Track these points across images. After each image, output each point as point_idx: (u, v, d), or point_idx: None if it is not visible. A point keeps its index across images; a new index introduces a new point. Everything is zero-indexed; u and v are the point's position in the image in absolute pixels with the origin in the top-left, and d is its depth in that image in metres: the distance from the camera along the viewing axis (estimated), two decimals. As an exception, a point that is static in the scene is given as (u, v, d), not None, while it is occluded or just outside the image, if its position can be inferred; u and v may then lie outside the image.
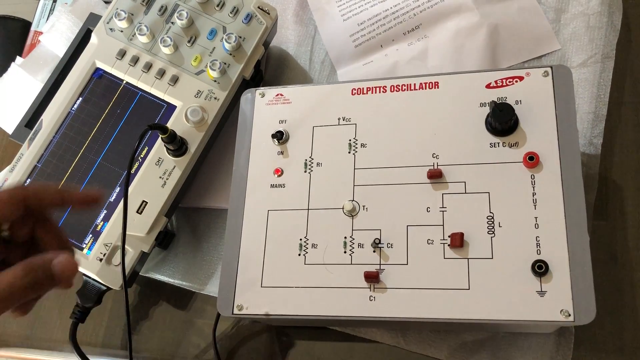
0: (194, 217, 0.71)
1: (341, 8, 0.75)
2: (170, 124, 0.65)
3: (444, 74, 0.60)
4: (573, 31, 0.67)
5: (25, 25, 0.92)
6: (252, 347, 0.65)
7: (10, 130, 0.76)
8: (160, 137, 0.61)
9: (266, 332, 0.65)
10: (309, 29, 0.76)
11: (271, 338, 0.65)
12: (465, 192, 0.54)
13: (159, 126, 0.59)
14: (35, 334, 0.72)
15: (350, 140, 0.60)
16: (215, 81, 0.66)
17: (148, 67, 0.67)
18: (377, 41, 0.73)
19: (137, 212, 0.63)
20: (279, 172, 0.60)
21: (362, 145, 0.59)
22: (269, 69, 0.76)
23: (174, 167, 0.64)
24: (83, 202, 0.47)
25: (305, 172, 0.60)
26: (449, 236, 0.53)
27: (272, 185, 0.60)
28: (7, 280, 0.40)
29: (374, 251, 0.55)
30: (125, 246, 0.61)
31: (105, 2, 0.80)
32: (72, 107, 0.67)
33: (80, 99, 0.67)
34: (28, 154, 0.66)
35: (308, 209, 0.58)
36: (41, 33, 0.81)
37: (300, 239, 0.57)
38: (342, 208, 0.57)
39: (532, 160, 0.53)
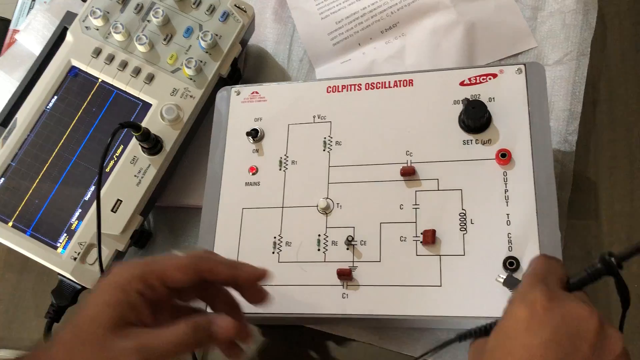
0: (171, 216, 0.71)
1: (319, 6, 0.75)
2: (145, 122, 0.64)
3: (418, 72, 0.60)
4: (549, 29, 0.67)
5: (5, 24, 0.92)
6: (229, 346, 0.64)
7: (-15, 128, 0.76)
8: (134, 136, 0.61)
9: (242, 331, 0.65)
10: (288, 27, 0.76)
11: (247, 337, 0.64)
12: (438, 189, 0.54)
13: (132, 124, 0.59)
14: (11, 334, 0.71)
15: (325, 138, 0.59)
16: (191, 79, 0.65)
17: (124, 65, 0.66)
18: (355, 39, 0.72)
19: (112, 210, 0.62)
20: (254, 170, 0.60)
21: (337, 143, 0.59)
22: (247, 67, 0.76)
23: (149, 166, 0.63)
24: (252, 280, 0.50)
25: (280, 170, 0.60)
26: (421, 233, 0.53)
27: (246, 183, 0.60)
28: (174, 336, 0.44)
29: (348, 249, 0.55)
30: (101, 245, 0.61)
31: (83, 1, 0.80)
32: (47, 105, 0.67)
33: (56, 97, 0.67)
34: (2, 153, 0.65)
35: (282, 207, 0.58)
36: (19, 31, 0.81)
37: (275, 237, 0.57)
38: (317, 206, 0.57)
39: (504, 157, 0.53)
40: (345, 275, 0.53)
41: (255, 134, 0.60)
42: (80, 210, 0.64)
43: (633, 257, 0.38)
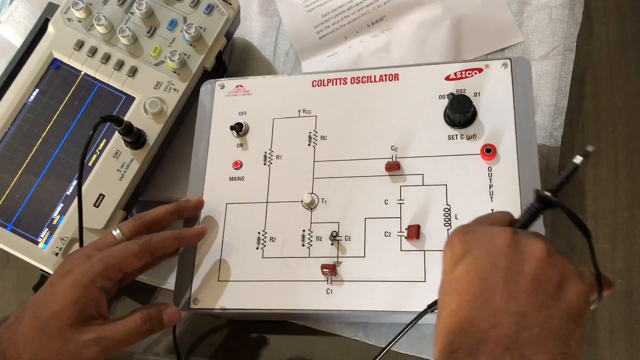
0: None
1: (305, -1, 0.74)
2: (128, 116, 0.63)
3: (403, 66, 0.59)
4: (536, 24, 0.67)
5: (-13, 16, 0.90)
6: (213, 342, 0.64)
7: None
8: (116, 130, 0.60)
9: (227, 327, 0.64)
10: (274, 20, 0.76)
11: (232, 332, 0.64)
12: (423, 185, 0.54)
13: (114, 118, 0.58)
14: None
15: (310, 132, 0.59)
16: (174, 72, 0.65)
17: (106, 58, 0.65)
18: (341, 33, 0.72)
19: (94, 205, 0.62)
20: (238, 164, 0.60)
21: (322, 137, 0.59)
22: (232, 60, 0.75)
23: (132, 160, 0.63)
24: (195, 236, 0.57)
25: (265, 164, 0.59)
26: (405, 228, 0.53)
27: (230, 178, 0.59)
28: (129, 327, 0.50)
29: (332, 244, 0.55)
30: (83, 241, 0.60)
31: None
32: (28, 98, 0.66)
33: (37, 90, 0.66)
34: (-18, 147, 0.64)
35: (267, 202, 0.58)
36: (0, 22, 0.80)
37: (259, 233, 0.57)
38: (301, 201, 0.57)
39: (489, 152, 0.53)
40: (329, 271, 0.53)
41: (239, 128, 0.60)
42: (62, 205, 0.63)
43: (564, 186, 0.39)
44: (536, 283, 0.36)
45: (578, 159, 0.39)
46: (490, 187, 0.52)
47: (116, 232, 0.53)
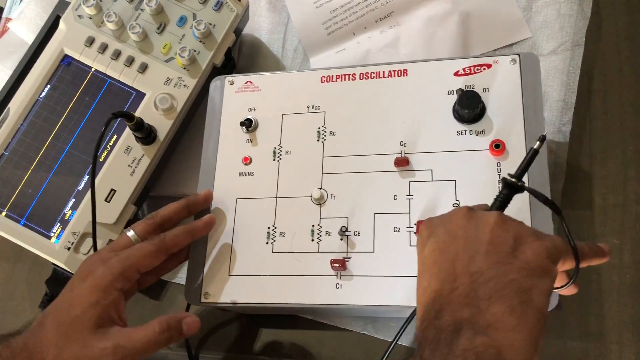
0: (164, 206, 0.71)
1: (314, -5, 0.74)
2: (139, 112, 0.64)
3: (412, 62, 0.59)
4: (544, 19, 0.67)
5: (-3, 12, 0.91)
6: (223, 336, 0.64)
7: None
8: (127, 125, 0.61)
9: (237, 321, 0.65)
10: (282, 16, 0.76)
11: (242, 326, 0.65)
12: (432, 180, 0.54)
13: (125, 114, 0.58)
14: (4, 324, 0.71)
15: (319, 128, 0.59)
16: (184, 68, 0.65)
17: (117, 54, 0.66)
18: (349, 29, 0.72)
19: (106, 200, 0.62)
20: (248, 160, 0.60)
21: (331, 133, 0.59)
22: (241, 56, 0.75)
23: (143, 155, 0.63)
24: (206, 228, 0.58)
25: (274, 160, 0.59)
26: (415, 224, 0.53)
27: (240, 174, 0.60)
28: (147, 336, 0.49)
29: (341, 239, 0.55)
30: (96, 235, 0.60)
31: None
32: (40, 94, 0.66)
33: (48, 86, 0.66)
34: (-5, 142, 0.65)
35: (276, 197, 0.58)
36: (11, 20, 0.80)
37: (269, 227, 0.57)
38: (311, 196, 0.57)
39: (498, 147, 0.53)
40: (339, 266, 0.53)
41: (249, 124, 0.60)
42: (73, 200, 0.63)
43: (526, 171, 0.44)
44: (491, 245, 0.39)
45: (537, 144, 0.44)
46: (499, 182, 0.53)
47: (130, 233, 0.54)
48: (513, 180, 0.43)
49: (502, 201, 0.44)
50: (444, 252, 0.41)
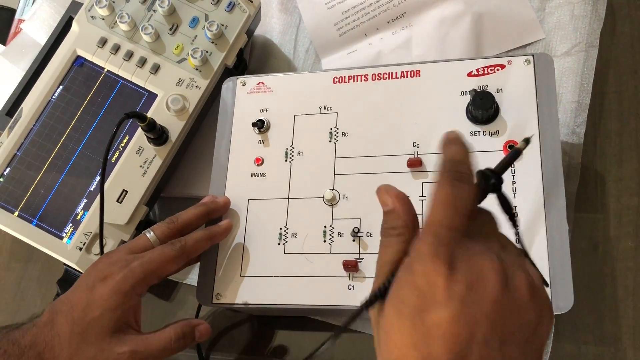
0: (176, 207, 0.70)
1: (326, -4, 0.74)
2: (151, 113, 0.64)
3: (425, 63, 0.59)
4: (558, 20, 0.66)
5: (10, 14, 0.91)
6: (234, 337, 0.64)
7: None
8: (139, 126, 0.61)
9: (247, 322, 0.65)
10: (294, 17, 0.76)
11: (252, 328, 0.64)
12: (445, 181, 0.54)
13: (137, 114, 0.58)
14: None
15: (331, 129, 0.59)
16: (196, 69, 0.65)
17: (129, 55, 0.66)
18: (361, 30, 0.72)
19: (117, 201, 0.62)
20: (260, 161, 0.60)
21: (343, 134, 0.59)
22: (253, 57, 0.75)
23: (155, 156, 0.63)
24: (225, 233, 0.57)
25: (286, 161, 0.59)
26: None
27: (252, 175, 0.60)
28: (162, 343, 0.50)
29: (354, 240, 0.55)
30: (105, 236, 0.61)
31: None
32: (53, 95, 0.67)
33: (61, 87, 0.67)
34: (8, 143, 0.65)
35: (288, 198, 0.58)
36: (24, 21, 0.81)
37: (280, 228, 0.57)
38: (323, 197, 0.57)
39: (512, 148, 0.53)
40: (351, 267, 0.53)
41: (261, 125, 0.60)
42: (85, 201, 0.64)
43: (505, 170, 0.41)
44: (520, 332, 0.33)
45: (520, 144, 0.42)
46: (513, 183, 0.52)
47: (150, 235, 0.53)
48: (494, 180, 0.39)
49: (479, 198, 0.40)
50: (460, 335, 0.32)
